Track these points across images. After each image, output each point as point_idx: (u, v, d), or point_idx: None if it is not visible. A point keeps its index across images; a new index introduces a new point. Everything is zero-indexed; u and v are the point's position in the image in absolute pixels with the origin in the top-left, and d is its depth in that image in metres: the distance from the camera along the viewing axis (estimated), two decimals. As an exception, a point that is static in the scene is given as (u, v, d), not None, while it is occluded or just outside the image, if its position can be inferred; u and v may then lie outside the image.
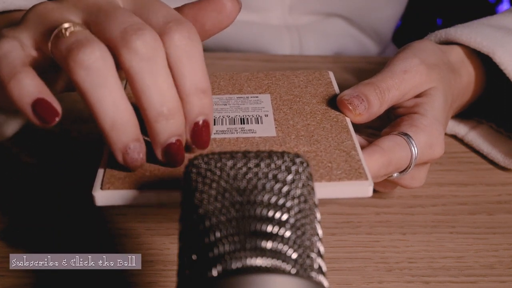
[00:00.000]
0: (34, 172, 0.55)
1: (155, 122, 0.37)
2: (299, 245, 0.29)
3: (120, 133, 0.36)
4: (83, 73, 0.35)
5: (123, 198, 0.38)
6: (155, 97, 0.36)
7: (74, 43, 0.36)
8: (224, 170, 0.32)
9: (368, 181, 0.38)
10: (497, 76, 0.55)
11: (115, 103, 0.36)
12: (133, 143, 0.37)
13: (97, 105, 0.36)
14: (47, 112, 0.37)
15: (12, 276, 0.46)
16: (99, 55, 0.35)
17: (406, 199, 0.53)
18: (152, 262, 0.47)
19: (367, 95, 0.46)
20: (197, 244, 0.30)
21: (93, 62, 0.35)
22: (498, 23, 0.56)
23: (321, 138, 0.43)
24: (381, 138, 0.45)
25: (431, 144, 0.46)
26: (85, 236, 0.50)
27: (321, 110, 0.46)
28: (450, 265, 0.48)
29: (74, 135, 0.59)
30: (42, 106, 0.37)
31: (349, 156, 0.41)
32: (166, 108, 0.37)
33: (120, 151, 0.37)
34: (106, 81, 0.36)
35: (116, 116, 0.36)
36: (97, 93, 0.36)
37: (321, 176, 0.39)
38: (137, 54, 0.36)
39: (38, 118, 0.37)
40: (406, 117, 0.47)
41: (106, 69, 0.36)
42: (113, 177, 0.39)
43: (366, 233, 0.50)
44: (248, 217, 0.30)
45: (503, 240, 0.50)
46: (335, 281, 0.46)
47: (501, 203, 0.54)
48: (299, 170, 0.32)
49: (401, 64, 0.48)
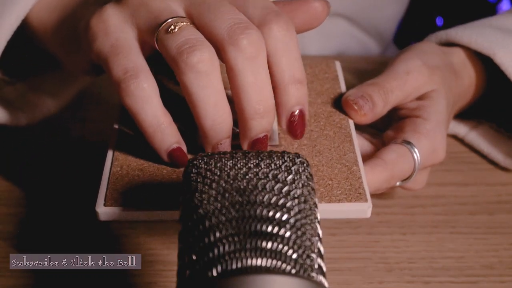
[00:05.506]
0: (34, 172, 0.55)
1: (250, 119, 0.38)
2: (299, 245, 0.29)
3: (217, 132, 0.38)
4: (192, 75, 0.37)
5: (126, 215, 0.38)
6: (253, 95, 0.38)
7: (185, 44, 0.37)
8: (224, 170, 0.32)
9: (367, 203, 0.38)
10: (498, 77, 0.55)
11: (217, 104, 0.38)
12: (225, 140, 0.39)
13: (201, 105, 0.37)
14: (181, 160, 0.40)
15: (12, 276, 0.46)
16: (208, 58, 0.37)
17: (406, 199, 0.53)
18: (152, 262, 0.47)
19: (371, 95, 0.46)
20: (197, 244, 0.30)
21: (203, 66, 0.37)
22: (499, 24, 0.56)
23: (323, 149, 0.42)
24: (384, 150, 0.45)
25: (434, 149, 0.46)
26: (85, 236, 0.49)
27: (325, 113, 0.46)
28: (450, 265, 0.48)
29: (75, 135, 0.59)
30: (177, 154, 0.40)
31: (350, 173, 0.40)
32: (262, 107, 0.38)
33: (212, 146, 0.39)
34: (212, 83, 0.37)
35: (216, 116, 0.38)
36: (202, 94, 0.37)
37: (321, 196, 0.39)
38: (243, 53, 0.37)
39: (171, 162, 0.40)
40: (408, 121, 0.47)
41: (213, 71, 0.37)
42: (116, 191, 0.39)
43: (366, 233, 0.50)
44: (248, 217, 0.30)
45: (503, 240, 0.50)
46: (335, 281, 0.46)
47: (501, 203, 0.54)
48: (299, 170, 0.32)
49: (403, 65, 0.48)
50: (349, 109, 0.46)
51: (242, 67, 0.37)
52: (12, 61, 0.51)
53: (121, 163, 0.41)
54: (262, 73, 0.38)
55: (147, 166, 0.41)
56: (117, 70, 0.38)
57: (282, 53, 0.38)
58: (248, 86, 0.38)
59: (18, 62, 0.52)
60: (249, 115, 0.38)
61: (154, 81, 0.39)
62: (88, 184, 0.53)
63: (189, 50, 0.37)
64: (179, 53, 0.37)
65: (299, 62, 0.39)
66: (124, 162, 0.41)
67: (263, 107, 0.38)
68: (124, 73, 0.38)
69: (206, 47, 0.37)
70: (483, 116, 0.59)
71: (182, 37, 0.37)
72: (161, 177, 0.40)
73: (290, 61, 0.39)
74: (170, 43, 0.38)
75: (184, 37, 0.37)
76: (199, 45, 0.37)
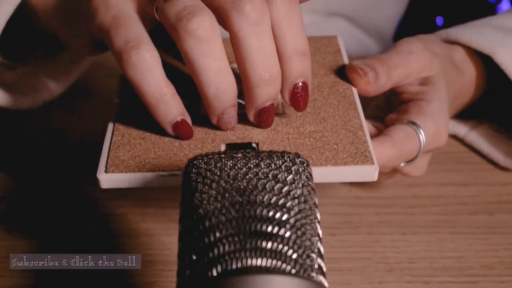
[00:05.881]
0: (34, 173, 0.55)
1: (256, 87, 0.38)
2: (299, 245, 0.29)
3: (221, 100, 0.38)
4: (192, 42, 0.36)
5: (128, 181, 0.38)
6: (259, 61, 0.37)
7: (184, 11, 0.37)
8: (224, 170, 0.32)
9: (374, 165, 0.38)
10: (498, 76, 0.55)
11: (220, 71, 0.37)
12: (230, 109, 0.39)
13: (203, 73, 0.37)
14: (186, 133, 0.40)
15: (12, 276, 0.46)
16: (208, 24, 0.36)
17: (406, 199, 0.53)
18: (152, 262, 0.47)
19: (375, 67, 0.46)
20: (197, 244, 0.30)
21: (203, 32, 0.36)
22: (499, 23, 0.56)
23: (327, 116, 0.42)
24: (391, 128, 0.44)
25: (438, 131, 0.46)
26: (85, 236, 0.49)
27: (329, 83, 0.45)
28: (450, 265, 0.48)
29: (74, 135, 0.59)
30: (182, 127, 0.39)
31: (356, 137, 0.40)
32: (268, 74, 0.38)
33: (217, 115, 0.39)
34: (213, 50, 0.37)
35: (220, 84, 0.37)
36: (204, 62, 0.37)
37: (326, 159, 0.38)
38: (247, 18, 0.37)
39: (176, 135, 0.40)
40: (412, 104, 0.47)
41: (213, 37, 0.37)
42: (117, 158, 0.38)
43: (366, 233, 0.50)
44: (248, 217, 0.30)
45: (503, 240, 0.50)
46: (335, 281, 0.46)
47: (501, 203, 0.54)
48: (299, 170, 0.32)
49: (406, 46, 0.49)
50: (353, 74, 0.45)
51: (246, 32, 0.37)
52: (12, 44, 0.51)
53: (122, 132, 0.41)
54: (267, 39, 0.37)
55: (148, 135, 0.40)
56: (118, 41, 0.38)
57: (286, 25, 0.38)
58: (252, 52, 0.37)
59: (18, 46, 0.52)
60: (255, 83, 0.38)
61: (156, 52, 0.38)
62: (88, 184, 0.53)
63: (188, 17, 0.36)
64: (178, 19, 0.36)
65: (302, 35, 0.39)
66: (126, 132, 0.41)
67: (268, 74, 0.38)
68: (125, 43, 0.38)
69: (206, 13, 0.37)
70: (483, 116, 0.59)
71: (181, 4, 0.37)
72: (163, 144, 0.40)
73: (293, 33, 0.38)
74: (169, 11, 0.37)
75: (183, 3, 0.37)
76: (198, 11, 0.37)
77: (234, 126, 0.40)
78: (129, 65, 0.38)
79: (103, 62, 0.56)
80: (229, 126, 0.40)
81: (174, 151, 0.39)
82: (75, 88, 0.63)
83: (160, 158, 0.39)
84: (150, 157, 0.39)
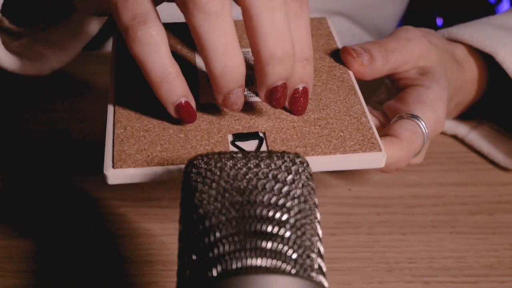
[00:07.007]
0: (34, 173, 0.55)
1: (266, 64, 0.36)
2: (299, 245, 0.29)
3: (228, 79, 0.36)
4: (201, 16, 0.35)
5: (137, 176, 0.37)
6: (270, 37, 0.36)
7: None
8: (224, 170, 0.32)
9: (382, 152, 0.39)
10: (499, 76, 0.55)
11: (228, 48, 0.36)
12: (237, 89, 0.37)
13: (210, 49, 0.36)
14: (189, 116, 0.38)
15: (12, 276, 0.46)
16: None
17: (406, 199, 0.53)
18: (152, 262, 0.47)
19: (370, 50, 0.45)
20: (197, 244, 0.30)
21: (213, 7, 0.35)
22: (500, 22, 0.56)
23: (329, 102, 0.42)
24: (397, 127, 0.44)
25: (438, 120, 0.46)
26: (85, 236, 0.49)
27: (326, 68, 0.45)
28: (450, 265, 0.48)
29: (74, 135, 0.59)
30: (185, 109, 0.38)
31: (360, 124, 0.40)
32: (280, 51, 0.36)
33: (223, 95, 0.37)
34: (222, 26, 0.35)
35: (228, 61, 0.36)
36: (212, 37, 0.35)
37: (335, 148, 0.38)
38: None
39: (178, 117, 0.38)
40: (410, 90, 0.47)
41: (223, 13, 0.35)
42: (123, 153, 0.38)
43: (366, 233, 0.50)
44: (248, 217, 0.30)
45: (503, 240, 0.50)
46: (335, 281, 0.46)
47: (501, 203, 0.54)
48: (299, 170, 0.32)
49: (404, 33, 0.48)
50: (347, 56, 0.45)
51: (257, 6, 0.35)
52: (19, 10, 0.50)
53: (124, 124, 0.40)
54: (280, 15, 0.36)
55: (152, 127, 0.40)
56: (125, 16, 0.37)
57: (293, 28, 0.37)
58: (263, 27, 0.36)
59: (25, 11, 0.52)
60: (265, 60, 0.36)
61: (163, 29, 0.37)
62: (88, 184, 0.54)
63: None
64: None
65: (308, 40, 0.39)
66: (127, 123, 0.40)
67: (280, 51, 0.36)
68: (132, 19, 0.37)
69: None
70: (483, 115, 0.59)
71: None
72: (168, 136, 0.39)
73: (299, 37, 0.38)
74: None
75: None
76: None
77: (240, 107, 0.39)
78: (135, 41, 0.37)
79: (105, 61, 0.56)
80: (235, 107, 0.38)
81: (180, 143, 0.39)
82: (75, 87, 0.63)
83: (167, 151, 0.38)
84: (157, 150, 0.38)
